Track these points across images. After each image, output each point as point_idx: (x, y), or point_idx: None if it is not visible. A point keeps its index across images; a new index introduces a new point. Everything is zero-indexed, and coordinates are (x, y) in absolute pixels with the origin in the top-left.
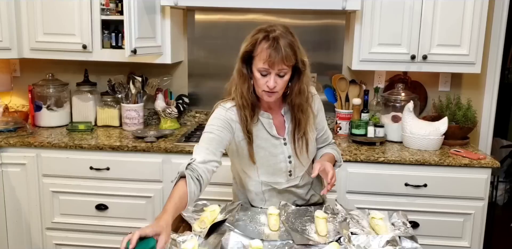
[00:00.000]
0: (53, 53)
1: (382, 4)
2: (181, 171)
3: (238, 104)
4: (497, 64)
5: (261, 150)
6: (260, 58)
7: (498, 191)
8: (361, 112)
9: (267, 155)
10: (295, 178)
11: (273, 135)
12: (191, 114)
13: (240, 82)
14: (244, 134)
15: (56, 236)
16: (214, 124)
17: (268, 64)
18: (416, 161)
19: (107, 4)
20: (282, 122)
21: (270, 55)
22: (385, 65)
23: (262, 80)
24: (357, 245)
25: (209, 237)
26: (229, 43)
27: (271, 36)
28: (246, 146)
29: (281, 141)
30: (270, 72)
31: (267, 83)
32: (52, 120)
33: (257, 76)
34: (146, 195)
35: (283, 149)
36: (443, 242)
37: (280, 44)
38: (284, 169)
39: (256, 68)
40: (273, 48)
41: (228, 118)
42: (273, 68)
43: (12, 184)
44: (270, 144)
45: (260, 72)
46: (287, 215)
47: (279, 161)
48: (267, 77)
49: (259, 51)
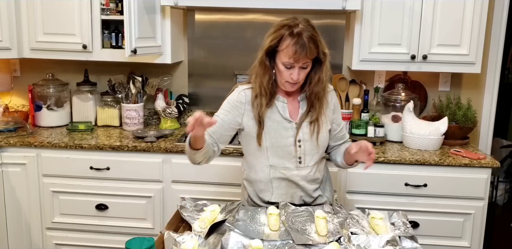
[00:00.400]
0: (53, 53)
1: (382, 4)
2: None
3: (256, 92)
4: (497, 64)
5: (272, 131)
6: (286, 53)
7: (498, 191)
8: (361, 112)
9: (277, 136)
10: (305, 167)
11: (285, 118)
12: (191, 114)
13: (261, 73)
14: (255, 118)
15: (56, 236)
16: (223, 107)
17: (294, 59)
18: (416, 160)
19: (107, 4)
20: (296, 108)
21: (296, 51)
22: (385, 65)
23: (286, 73)
24: (357, 245)
25: (209, 237)
26: (229, 43)
27: (295, 32)
28: (256, 128)
29: (292, 124)
30: (294, 66)
31: (291, 76)
32: (52, 120)
33: (282, 69)
34: (146, 195)
35: (294, 132)
36: (443, 242)
37: (304, 40)
38: (293, 153)
39: (280, 62)
40: (299, 45)
41: (238, 101)
42: (297, 63)
43: (12, 184)
44: (282, 127)
45: (285, 65)
46: (287, 215)
47: (289, 143)
48: (291, 70)
49: (285, 46)
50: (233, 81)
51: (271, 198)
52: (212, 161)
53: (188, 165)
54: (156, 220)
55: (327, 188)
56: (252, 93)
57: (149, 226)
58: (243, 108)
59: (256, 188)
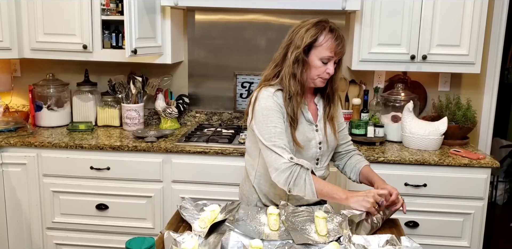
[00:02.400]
0: (54, 53)
1: (382, 4)
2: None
3: (291, 92)
4: (496, 64)
5: (300, 134)
6: (326, 47)
7: (497, 191)
8: (361, 112)
9: (304, 139)
10: (321, 167)
11: (308, 119)
12: (191, 114)
13: (299, 71)
14: (289, 119)
15: (57, 235)
16: (273, 115)
17: (334, 52)
18: (416, 160)
19: (107, 4)
20: (315, 111)
21: (338, 44)
22: (384, 65)
23: (322, 68)
24: (357, 245)
25: (209, 237)
26: (229, 43)
27: (332, 28)
28: (289, 130)
29: (313, 126)
30: (330, 60)
31: (327, 70)
32: (53, 120)
33: (318, 64)
34: (146, 194)
35: (315, 134)
36: (443, 242)
37: (340, 35)
38: (314, 155)
39: (318, 57)
40: (341, 38)
41: (279, 105)
42: (336, 56)
43: (13, 183)
44: (306, 129)
45: (322, 60)
46: (287, 215)
47: (311, 146)
48: (327, 65)
49: (324, 41)
50: (233, 81)
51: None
52: (212, 161)
53: (188, 164)
54: (156, 220)
55: None
56: (283, 94)
57: (149, 226)
58: (284, 111)
59: (269, 192)
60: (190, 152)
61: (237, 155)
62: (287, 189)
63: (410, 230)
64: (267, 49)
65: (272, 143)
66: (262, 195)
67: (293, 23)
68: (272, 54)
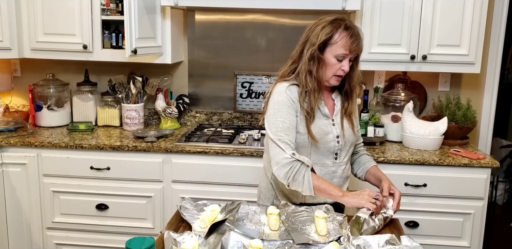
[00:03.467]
0: (54, 53)
1: (382, 4)
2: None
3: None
4: (496, 64)
5: (316, 127)
6: (341, 45)
7: (497, 191)
8: (361, 112)
9: (320, 132)
10: (340, 162)
11: (324, 114)
12: (192, 114)
13: (315, 67)
14: (306, 113)
15: (57, 235)
16: (283, 110)
17: (349, 50)
18: (416, 160)
19: (107, 4)
20: (332, 105)
21: (353, 42)
22: (384, 65)
23: (337, 65)
24: (356, 245)
25: (209, 237)
26: (229, 43)
27: (348, 25)
28: (305, 124)
29: (330, 121)
30: (345, 58)
31: (341, 68)
32: (53, 120)
33: (332, 62)
34: (146, 194)
35: (332, 128)
36: (443, 242)
37: (356, 32)
38: (332, 149)
39: (333, 55)
40: (355, 37)
41: (291, 100)
42: (351, 53)
43: (13, 183)
44: (323, 123)
45: (337, 58)
46: (287, 214)
47: (329, 140)
48: (342, 62)
49: (340, 38)
50: (233, 81)
51: (304, 199)
52: (212, 161)
53: (188, 164)
54: (156, 220)
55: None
56: (298, 89)
57: (149, 226)
58: (297, 105)
59: (285, 189)
60: (190, 152)
61: (237, 155)
62: (286, 183)
63: (410, 230)
64: (267, 49)
65: (278, 137)
66: (279, 192)
67: (293, 23)
68: (272, 54)
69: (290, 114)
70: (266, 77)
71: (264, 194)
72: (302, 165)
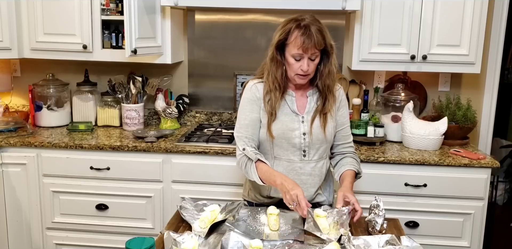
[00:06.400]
0: (54, 53)
1: (382, 4)
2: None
3: (269, 88)
4: (496, 64)
5: (279, 122)
6: (294, 45)
7: (498, 191)
8: (361, 112)
9: (284, 128)
10: (309, 160)
11: (293, 111)
12: (191, 114)
13: (274, 68)
14: (267, 111)
15: (57, 236)
16: (246, 108)
17: (302, 49)
18: (416, 161)
19: (107, 4)
20: (304, 103)
21: (304, 41)
22: (385, 65)
23: (296, 65)
24: (356, 245)
25: (209, 237)
26: (229, 43)
27: (302, 24)
28: (266, 119)
29: (299, 118)
30: (303, 57)
31: (301, 67)
32: (53, 120)
33: (291, 62)
34: (146, 195)
35: (300, 125)
36: (443, 242)
37: (311, 31)
38: (298, 146)
39: (290, 54)
40: (306, 35)
41: (254, 97)
42: (306, 53)
43: (13, 184)
44: (289, 119)
45: (294, 57)
46: (287, 215)
47: (294, 136)
48: (300, 62)
49: (293, 38)
50: (233, 81)
51: (270, 192)
52: (212, 161)
53: (188, 164)
54: (156, 220)
55: (327, 188)
56: (264, 87)
57: (149, 226)
58: (260, 102)
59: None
60: (190, 152)
61: None
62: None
63: (410, 230)
64: (267, 49)
65: (237, 133)
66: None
67: None
68: None
69: (252, 111)
70: None
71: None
72: (248, 159)
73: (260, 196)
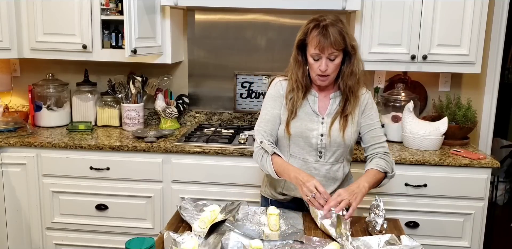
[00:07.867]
0: (53, 53)
1: (382, 4)
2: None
3: (292, 87)
4: (497, 64)
5: (299, 121)
6: (312, 44)
7: (498, 191)
8: None
9: (302, 126)
10: (325, 162)
11: (314, 111)
12: (191, 114)
13: (296, 68)
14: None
15: (56, 236)
16: (269, 103)
17: (319, 49)
18: (416, 161)
19: (107, 4)
20: (326, 104)
21: (320, 41)
22: (385, 65)
23: (315, 65)
24: (356, 246)
25: (209, 237)
26: (229, 43)
27: (321, 25)
28: (287, 116)
29: (319, 118)
30: (321, 57)
31: (319, 67)
32: (52, 120)
33: (311, 61)
34: (146, 195)
35: (319, 126)
36: (443, 242)
37: (329, 31)
38: (315, 146)
39: (309, 54)
40: (322, 35)
41: (277, 94)
42: (323, 53)
43: (12, 184)
44: (309, 119)
45: (313, 57)
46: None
47: (312, 136)
48: (319, 62)
49: (311, 38)
50: (233, 81)
51: (282, 189)
52: (212, 161)
53: (188, 165)
54: (156, 220)
55: None
56: (288, 86)
57: (149, 226)
58: (282, 99)
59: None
60: (190, 152)
61: (237, 155)
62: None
63: (410, 230)
64: (267, 49)
65: (257, 127)
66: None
67: (293, 23)
68: (272, 54)
69: (274, 107)
70: (266, 77)
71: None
72: (265, 152)
73: (275, 192)
